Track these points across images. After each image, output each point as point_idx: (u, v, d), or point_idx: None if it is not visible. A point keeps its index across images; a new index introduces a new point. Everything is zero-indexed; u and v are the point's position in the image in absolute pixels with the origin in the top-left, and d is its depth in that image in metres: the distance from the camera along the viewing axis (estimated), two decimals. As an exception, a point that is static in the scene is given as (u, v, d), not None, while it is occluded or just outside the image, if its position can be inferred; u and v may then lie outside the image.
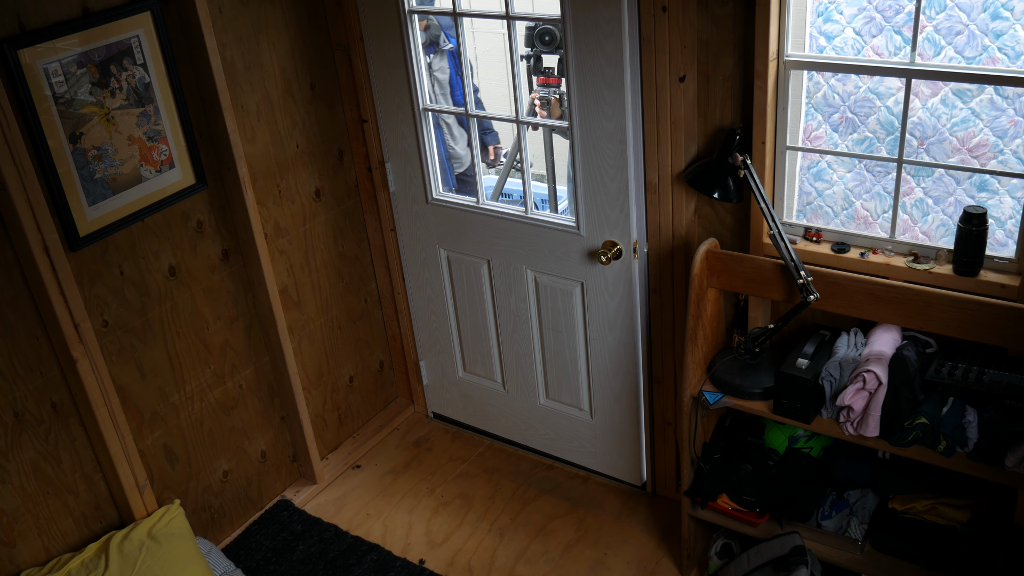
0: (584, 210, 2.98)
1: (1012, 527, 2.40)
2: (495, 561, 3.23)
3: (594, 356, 3.25)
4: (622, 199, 2.87)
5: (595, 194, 2.93)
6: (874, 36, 2.44)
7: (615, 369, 3.21)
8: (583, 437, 3.47)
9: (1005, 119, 2.36)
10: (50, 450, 2.67)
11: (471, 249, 3.38)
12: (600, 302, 3.12)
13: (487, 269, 3.37)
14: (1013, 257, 2.42)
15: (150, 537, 2.82)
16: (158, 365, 2.97)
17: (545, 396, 3.49)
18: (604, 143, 2.81)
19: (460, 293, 3.52)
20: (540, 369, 3.45)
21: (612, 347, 3.17)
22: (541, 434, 3.59)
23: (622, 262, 2.98)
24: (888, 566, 2.60)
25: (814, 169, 2.70)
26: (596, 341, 3.21)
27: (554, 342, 3.34)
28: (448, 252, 3.46)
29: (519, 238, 3.21)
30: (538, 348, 3.40)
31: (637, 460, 3.37)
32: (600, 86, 2.73)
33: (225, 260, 3.11)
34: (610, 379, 3.25)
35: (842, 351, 2.56)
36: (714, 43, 2.56)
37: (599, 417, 3.36)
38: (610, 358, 3.20)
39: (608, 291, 3.07)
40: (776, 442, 2.86)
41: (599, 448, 3.45)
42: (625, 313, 3.08)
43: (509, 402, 3.62)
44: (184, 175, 2.89)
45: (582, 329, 3.23)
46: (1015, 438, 2.28)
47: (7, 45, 2.34)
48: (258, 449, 3.44)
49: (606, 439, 3.40)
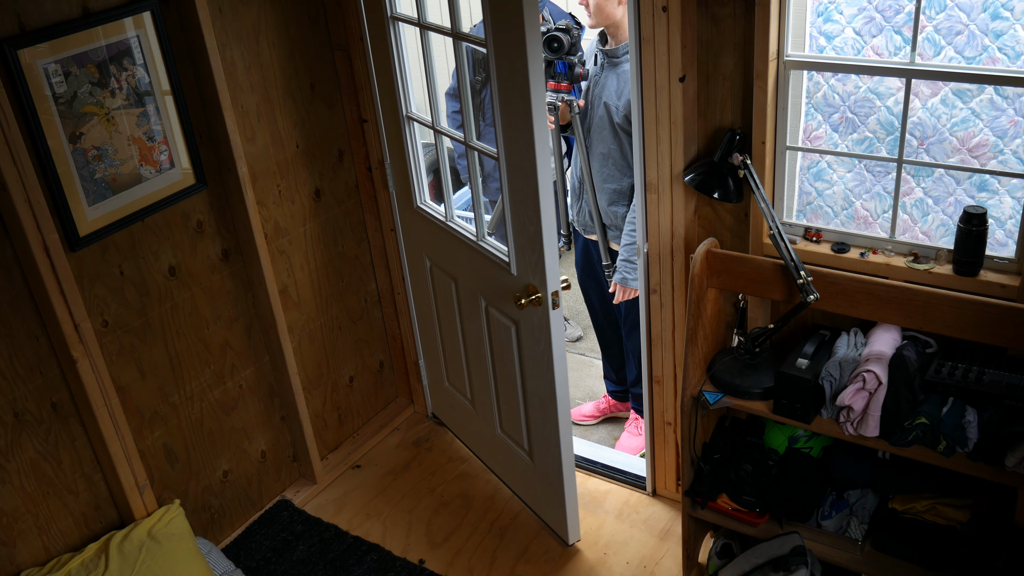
0: (514, 248, 2.78)
1: (1012, 527, 2.40)
2: (495, 561, 3.23)
3: (530, 401, 3.09)
4: (538, 245, 2.65)
5: (520, 233, 2.73)
6: (874, 36, 2.44)
7: (545, 417, 3.03)
8: (527, 477, 3.33)
9: (1005, 119, 2.36)
10: (50, 450, 2.67)
11: (444, 264, 3.30)
12: (529, 347, 2.95)
13: (455, 287, 3.28)
14: (1013, 257, 2.42)
15: (150, 537, 2.82)
16: (158, 365, 2.97)
17: (499, 428, 3.38)
18: (521, 181, 2.61)
19: (440, 305, 3.46)
20: (495, 400, 3.33)
21: (541, 395, 3.00)
22: (500, 462, 3.52)
23: (541, 311, 2.77)
24: (888, 566, 2.60)
25: (814, 169, 2.70)
26: (531, 385, 3.04)
27: (502, 377, 3.21)
28: (430, 262, 3.41)
29: (473, 262, 3.09)
30: (492, 379, 3.29)
31: (563, 512, 3.16)
32: (516, 121, 2.53)
33: (225, 260, 3.11)
34: (541, 426, 3.08)
35: (842, 351, 2.56)
36: (714, 43, 2.56)
37: (538, 462, 3.19)
38: (541, 405, 3.03)
39: (533, 337, 2.89)
40: (776, 442, 2.86)
41: (539, 493, 3.30)
42: (546, 364, 2.87)
43: (477, 423, 3.54)
44: (184, 175, 2.89)
45: (519, 371, 3.07)
46: (1015, 438, 2.28)
47: (7, 45, 2.34)
48: (258, 449, 3.44)
49: (540, 485, 3.24)
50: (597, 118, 3.23)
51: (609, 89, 3.18)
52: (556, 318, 2.78)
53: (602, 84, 3.21)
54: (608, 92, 3.18)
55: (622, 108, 3.14)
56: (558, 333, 2.81)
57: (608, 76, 3.20)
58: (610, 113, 3.18)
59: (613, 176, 3.27)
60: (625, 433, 3.81)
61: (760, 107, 2.53)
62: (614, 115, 3.17)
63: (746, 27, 2.48)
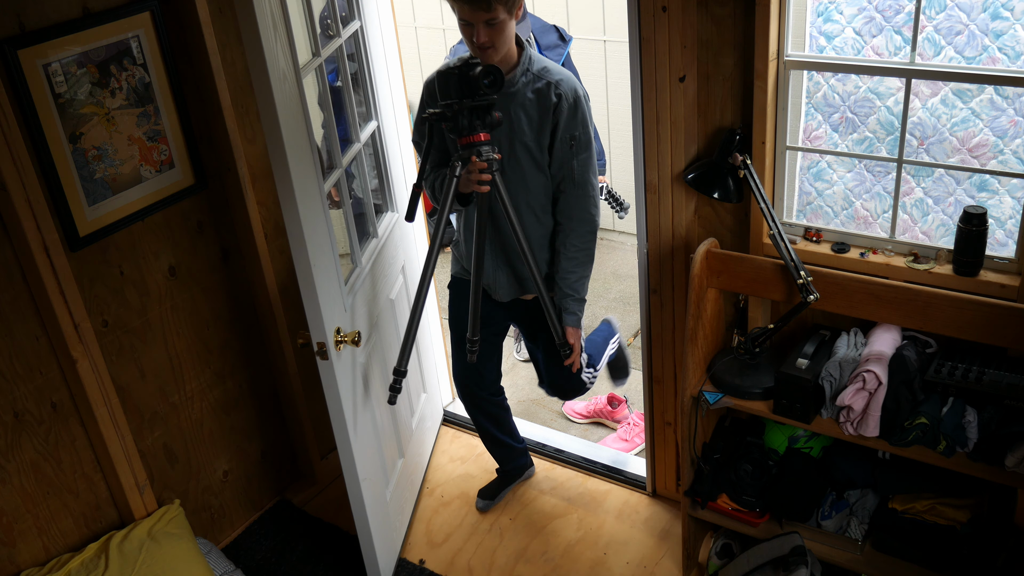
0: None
1: (1012, 527, 2.40)
2: (495, 561, 3.23)
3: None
4: (310, 289, 2.46)
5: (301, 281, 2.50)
6: (874, 36, 2.44)
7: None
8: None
9: (1005, 119, 2.36)
10: (50, 450, 2.67)
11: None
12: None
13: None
14: (1013, 257, 2.42)
15: (150, 537, 2.82)
16: (158, 365, 2.97)
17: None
18: (295, 231, 2.39)
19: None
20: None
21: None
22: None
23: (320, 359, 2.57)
24: (888, 566, 2.60)
25: (814, 169, 2.70)
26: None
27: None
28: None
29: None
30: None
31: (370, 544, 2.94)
32: (283, 186, 2.35)
33: (225, 260, 3.11)
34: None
35: (842, 351, 2.56)
36: (714, 43, 2.56)
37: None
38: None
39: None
40: (776, 442, 2.86)
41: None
42: (337, 417, 2.68)
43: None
44: (184, 175, 2.89)
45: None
46: (1015, 438, 2.28)
47: (7, 45, 2.34)
48: (258, 449, 3.44)
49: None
50: (514, 164, 2.66)
51: (521, 125, 2.61)
52: (327, 368, 2.55)
53: (507, 124, 2.61)
54: (521, 129, 2.61)
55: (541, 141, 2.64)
56: (331, 384, 2.59)
57: (511, 110, 2.60)
58: (531, 153, 2.64)
59: (541, 222, 2.78)
60: (612, 436, 3.81)
61: (760, 107, 2.53)
62: (535, 154, 2.65)
63: (746, 27, 2.48)
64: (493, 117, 2.46)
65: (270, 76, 2.16)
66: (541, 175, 2.69)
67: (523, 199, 2.71)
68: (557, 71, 2.61)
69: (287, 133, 2.26)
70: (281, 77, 2.23)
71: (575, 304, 2.83)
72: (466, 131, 2.44)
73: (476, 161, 2.47)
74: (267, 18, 2.16)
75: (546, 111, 2.59)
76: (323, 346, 2.52)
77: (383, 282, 3.09)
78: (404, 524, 3.36)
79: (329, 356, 2.53)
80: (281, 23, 2.25)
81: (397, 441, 3.29)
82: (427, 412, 3.66)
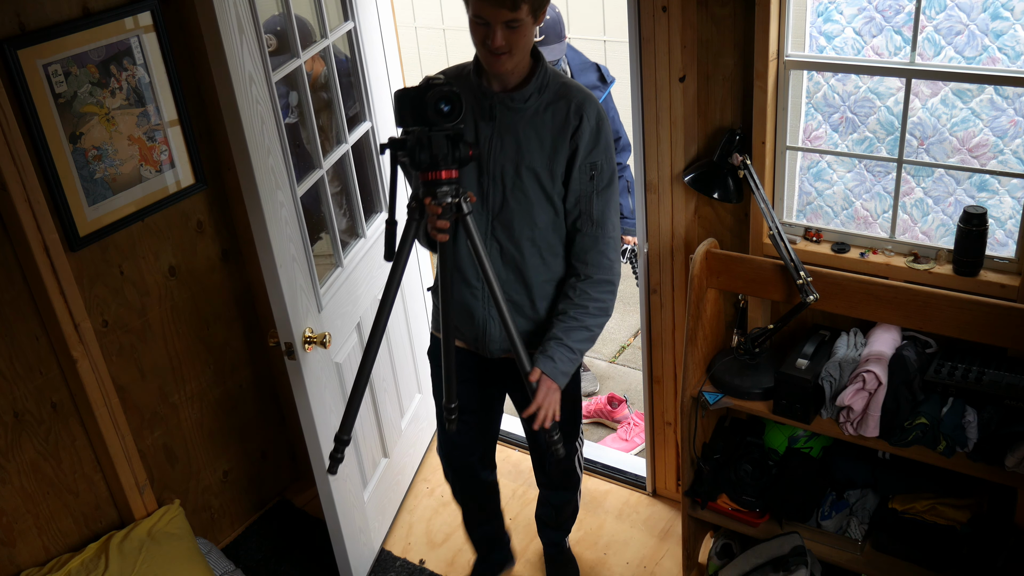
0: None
1: (1012, 527, 2.40)
2: (495, 561, 3.23)
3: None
4: (275, 290, 2.46)
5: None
6: (874, 36, 2.44)
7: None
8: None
9: (1005, 119, 2.36)
10: (50, 450, 2.67)
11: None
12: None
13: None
14: (1013, 257, 2.42)
15: (150, 537, 2.82)
16: (158, 365, 2.97)
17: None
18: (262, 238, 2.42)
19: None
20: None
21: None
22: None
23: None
24: (888, 566, 2.60)
25: (814, 169, 2.70)
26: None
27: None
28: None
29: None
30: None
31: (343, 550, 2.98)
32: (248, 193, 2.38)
33: (225, 260, 3.11)
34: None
35: (842, 351, 2.56)
36: (714, 43, 2.56)
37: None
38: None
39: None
40: (776, 442, 2.86)
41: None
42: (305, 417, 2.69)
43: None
44: (184, 175, 2.88)
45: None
46: (1015, 438, 2.28)
47: (7, 45, 2.34)
48: (258, 449, 3.43)
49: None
50: (519, 193, 2.26)
51: (531, 147, 2.22)
52: (295, 368, 2.57)
53: (513, 146, 2.22)
54: (530, 152, 2.22)
55: (554, 168, 2.25)
56: (299, 385, 2.60)
57: (519, 130, 2.22)
58: (540, 182, 2.25)
59: (547, 264, 2.36)
60: (612, 436, 3.81)
61: (760, 107, 2.53)
62: (545, 182, 2.25)
63: (746, 27, 2.48)
64: (463, 151, 2.01)
65: (232, 77, 2.17)
66: (550, 208, 2.28)
67: (527, 235, 2.29)
68: (578, 89, 2.24)
69: (251, 135, 2.26)
70: (247, 79, 2.24)
71: (562, 351, 2.27)
72: (425, 166, 2.01)
73: (429, 204, 2.03)
74: (230, 19, 2.16)
75: (563, 134, 2.21)
76: (291, 346, 2.53)
77: (371, 283, 3.09)
78: (386, 524, 3.36)
79: (297, 356, 2.54)
80: (249, 25, 2.25)
81: (381, 442, 3.29)
82: (421, 412, 3.66)
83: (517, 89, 2.20)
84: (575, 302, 2.31)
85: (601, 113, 2.23)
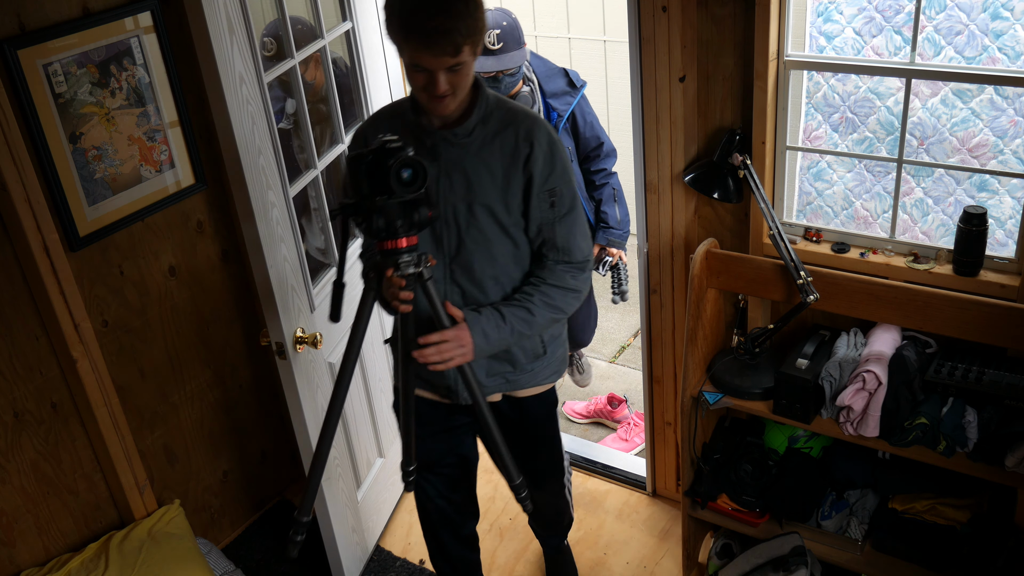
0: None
1: (1012, 527, 2.40)
2: (495, 561, 3.23)
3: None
4: (266, 290, 2.47)
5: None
6: (874, 36, 2.44)
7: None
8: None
9: (1005, 119, 2.36)
10: (50, 450, 2.67)
11: None
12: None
13: None
14: (1013, 257, 2.42)
15: (150, 537, 2.82)
16: (158, 365, 2.97)
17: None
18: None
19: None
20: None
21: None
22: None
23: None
24: (888, 566, 2.60)
25: (814, 169, 2.70)
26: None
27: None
28: None
29: None
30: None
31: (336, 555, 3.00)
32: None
33: (225, 260, 3.11)
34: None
35: (842, 351, 2.56)
36: (714, 43, 2.56)
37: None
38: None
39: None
40: (776, 442, 2.86)
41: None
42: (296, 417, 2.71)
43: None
44: (184, 175, 2.89)
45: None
46: (1015, 438, 2.28)
47: (7, 45, 2.34)
48: (258, 449, 3.44)
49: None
50: (475, 232, 2.12)
51: (481, 183, 2.08)
52: (285, 368, 2.58)
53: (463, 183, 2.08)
54: (481, 188, 2.09)
55: (509, 201, 2.11)
56: (289, 384, 2.61)
57: (466, 166, 2.08)
58: (496, 216, 2.11)
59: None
60: (612, 436, 3.81)
61: (760, 107, 2.53)
62: (501, 216, 2.12)
63: (746, 27, 2.48)
64: (423, 214, 1.90)
65: (221, 77, 2.18)
66: (509, 242, 2.15)
67: (489, 274, 2.16)
68: (525, 114, 2.11)
69: (241, 134, 2.27)
70: (237, 79, 2.24)
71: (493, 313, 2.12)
72: (383, 234, 1.88)
73: (392, 277, 1.93)
74: (220, 19, 2.16)
75: (514, 163, 2.07)
76: (281, 346, 2.53)
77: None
78: (380, 524, 3.36)
79: (287, 356, 2.55)
80: (240, 26, 2.25)
81: (376, 441, 3.29)
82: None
83: (459, 123, 2.06)
84: (525, 288, 2.19)
85: (552, 136, 2.11)
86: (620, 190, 3.47)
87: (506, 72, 3.09)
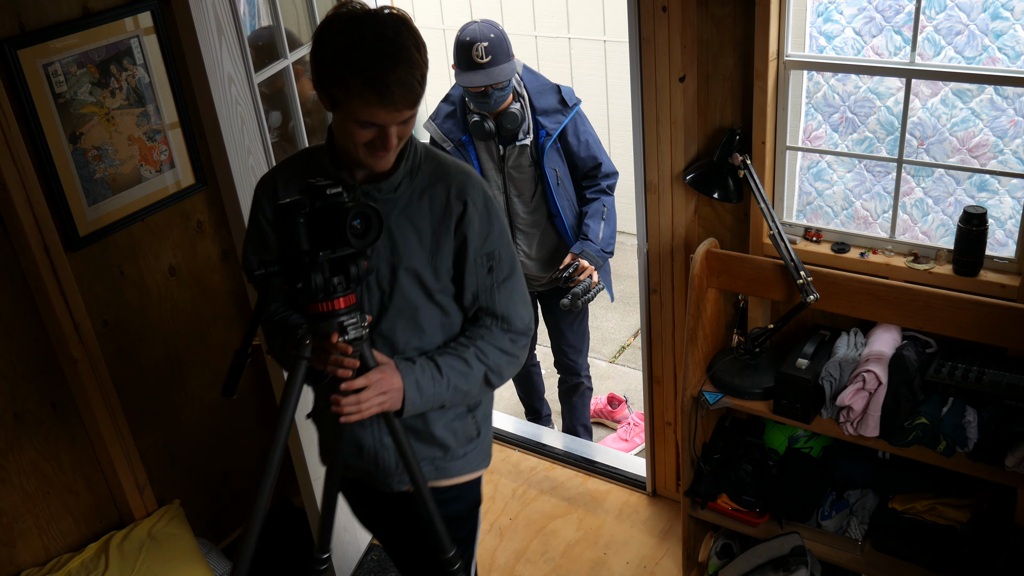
0: None
1: (1012, 527, 2.40)
2: (495, 561, 3.23)
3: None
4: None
5: None
6: (874, 36, 2.44)
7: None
8: None
9: (1005, 119, 2.36)
10: (50, 450, 2.67)
11: None
12: None
13: None
14: (1013, 257, 2.42)
15: (150, 537, 2.82)
16: (158, 365, 2.97)
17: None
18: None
19: None
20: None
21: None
22: None
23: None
24: (888, 566, 2.60)
25: (814, 169, 2.70)
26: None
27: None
28: None
29: None
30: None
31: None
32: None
33: (225, 260, 3.11)
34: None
35: (842, 351, 2.56)
36: (714, 43, 2.56)
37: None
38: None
39: None
40: (776, 442, 2.86)
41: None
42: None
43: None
44: (184, 175, 2.88)
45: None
46: (1015, 438, 2.28)
47: (7, 45, 2.34)
48: (258, 449, 3.43)
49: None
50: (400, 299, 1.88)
51: (408, 244, 1.84)
52: (275, 366, 2.52)
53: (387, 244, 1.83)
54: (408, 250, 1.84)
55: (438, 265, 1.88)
56: (279, 381, 2.54)
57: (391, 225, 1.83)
58: (423, 281, 1.87)
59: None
60: (612, 436, 3.81)
61: (760, 107, 2.53)
62: (428, 282, 1.88)
63: (746, 27, 2.48)
64: (361, 266, 1.70)
65: (209, 77, 2.18)
66: (437, 310, 1.90)
67: (413, 344, 1.90)
68: (459, 169, 1.88)
69: (230, 135, 2.27)
70: (226, 80, 2.23)
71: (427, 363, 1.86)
72: (320, 295, 1.66)
73: (338, 343, 1.69)
74: (208, 20, 2.16)
75: (445, 223, 1.84)
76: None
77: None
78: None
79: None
80: (230, 26, 2.24)
81: None
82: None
83: (384, 177, 1.82)
84: (459, 340, 1.93)
85: (487, 193, 1.88)
86: (612, 211, 3.21)
87: (495, 86, 2.96)
